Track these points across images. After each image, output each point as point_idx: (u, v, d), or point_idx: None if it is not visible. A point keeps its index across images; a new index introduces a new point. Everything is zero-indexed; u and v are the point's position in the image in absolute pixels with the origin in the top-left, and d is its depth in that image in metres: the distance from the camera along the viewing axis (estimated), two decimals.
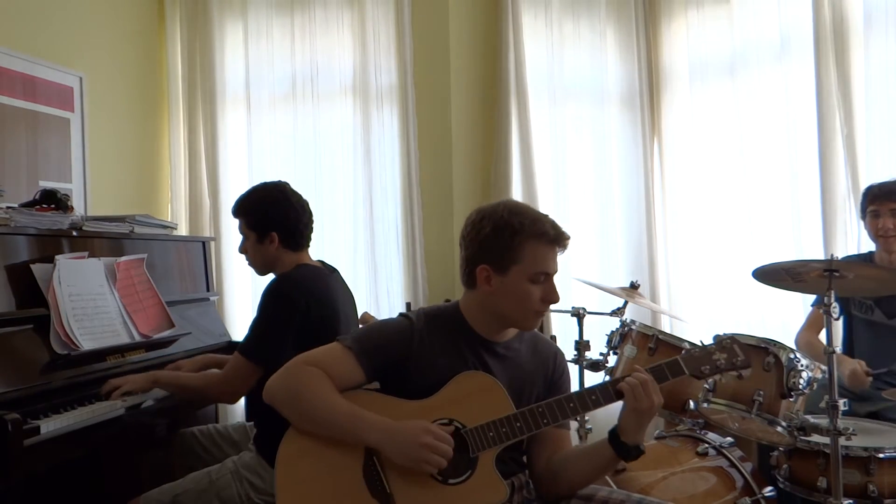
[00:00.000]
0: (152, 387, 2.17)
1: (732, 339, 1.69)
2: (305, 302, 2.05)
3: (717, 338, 1.70)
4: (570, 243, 1.68)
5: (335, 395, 1.58)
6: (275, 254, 2.19)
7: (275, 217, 2.18)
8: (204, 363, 2.42)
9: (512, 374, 1.69)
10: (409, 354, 1.64)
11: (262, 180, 2.32)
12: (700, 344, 1.72)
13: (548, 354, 1.78)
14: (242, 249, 2.26)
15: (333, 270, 2.29)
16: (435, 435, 1.51)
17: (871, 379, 2.42)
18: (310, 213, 2.26)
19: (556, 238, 1.63)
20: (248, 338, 2.07)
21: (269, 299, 2.08)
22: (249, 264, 2.28)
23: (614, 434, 1.60)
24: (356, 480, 1.54)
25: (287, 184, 2.27)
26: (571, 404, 1.61)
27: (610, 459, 1.61)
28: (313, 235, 2.30)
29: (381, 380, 1.69)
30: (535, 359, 1.75)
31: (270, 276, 2.22)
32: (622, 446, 1.58)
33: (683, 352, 1.72)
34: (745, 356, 1.67)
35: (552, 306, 1.72)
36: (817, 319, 2.70)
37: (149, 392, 2.18)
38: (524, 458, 1.74)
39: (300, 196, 2.26)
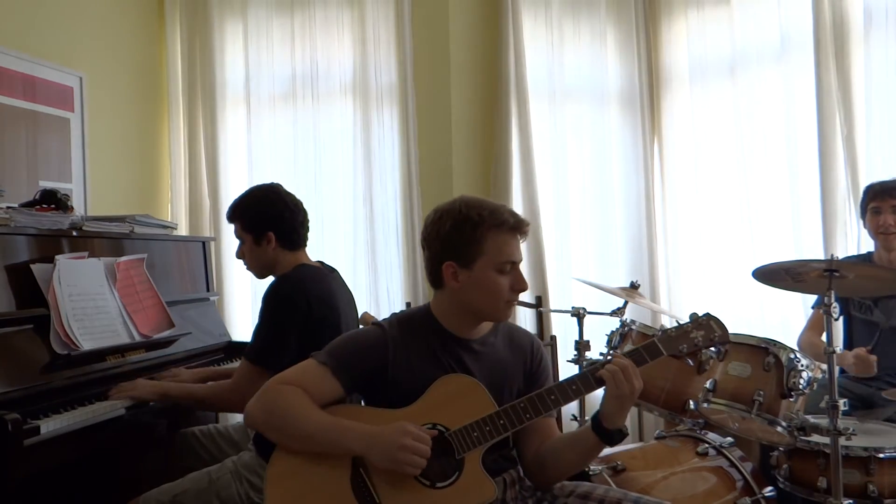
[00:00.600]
0: (162, 399, 2.16)
1: (709, 315, 1.68)
2: (307, 302, 2.04)
3: (692, 316, 1.69)
4: (571, 243, 1.68)
5: (314, 410, 1.58)
6: (273, 255, 2.18)
7: (270, 216, 2.17)
8: (204, 376, 2.39)
9: (490, 370, 1.69)
10: (386, 363, 1.64)
11: (262, 180, 2.32)
12: (677, 323, 1.71)
13: (525, 345, 1.78)
14: (240, 254, 2.25)
15: (333, 270, 2.28)
16: (413, 436, 1.51)
17: (875, 359, 2.41)
18: (304, 212, 2.25)
19: (516, 226, 1.64)
20: (252, 343, 2.06)
21: (271, 302, 2.07)
22: (248, 268, 2.26)
23: (596, 420, 1.61)
24: (345, 493, 1.54)
25: (279, 185, 2.27)
26: (553, 396, 1.61)
27: (594, 445, 1.62)
28: (313, 235, 2.29)
29: (361, 392, 1.69)
30: (513, 351, 1.75)
31: (270, 280, 2.21)
32: (605, 432, 1.59)
33: (660, 333, 1.71)
34: (722, 331, 1.67)
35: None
36: (819, 321, 2.69)
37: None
38: (514, 453, 1.75)
39: (294, 196, 2.25)
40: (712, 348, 1.69)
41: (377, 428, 1.54)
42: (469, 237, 1.61)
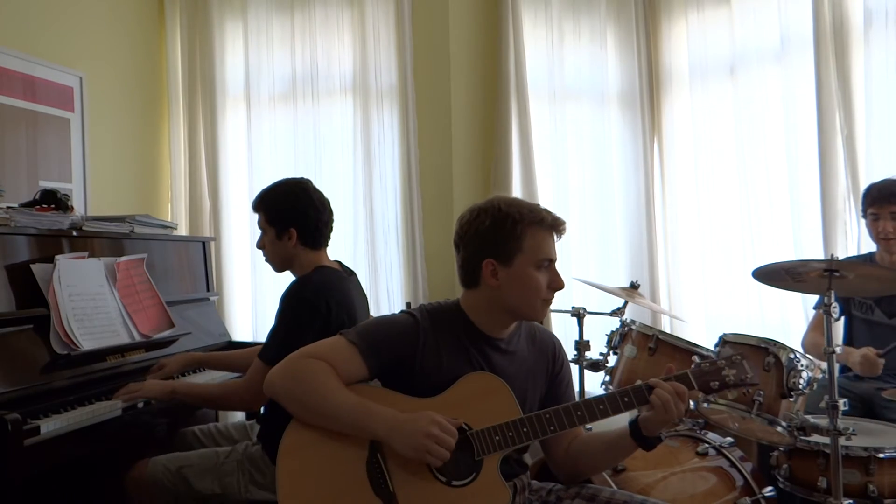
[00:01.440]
0: (171, 397, 2.14)
1: (742, 355, 1.67)
2: (327, 306, 2.02)
3: (722, 338, 1.70)
4: (570, 243, 1.69)
5: (342, 388, 1.56)
6: (293, 251, 2.15)
7: (295, 213, 2.14)
8: (185, 362, 2.38)
9: (517, 370, 1.70)
10: (415, 352, 1.63)
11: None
12: (706, 351, 1.72)
13: (547, 345, 1.79)
14: (260, 245, 2.22)
15: (352, 273, 2.26)
16: (441, 426, 1.50)
17: (883, 362, 2.41)
18: (330, 212, 2.22)
19: (553, 224, 1.65)
20: (269, 343, 2.03)
21: (290, 304, 2.04)
22: (266, 260, 2.24)
23: (635, 427, 1.62)
24: (359, 476, 1.53)
25: (309, 181, 2.24)
26: (579, 412, 1.60)
27: (631, 448, 1.66)
28: None
29: (384, 378, 1.67)
30: (536, 350, 1.76)
31: (287, 275, 2.19)
32: (646, 440, 1.62)
33: (693, 366, 1.70)
34: (753, 373, 1.67)
35: (552, 305, 1.72)
36: (822, 322, 2.69)
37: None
38: (525, 458, 1.75)
39: (322, 194, 2.22)
40: (740, 387, 1.69)
41: (406, 414, 1.53)
42: (509, 234, 1.62)
